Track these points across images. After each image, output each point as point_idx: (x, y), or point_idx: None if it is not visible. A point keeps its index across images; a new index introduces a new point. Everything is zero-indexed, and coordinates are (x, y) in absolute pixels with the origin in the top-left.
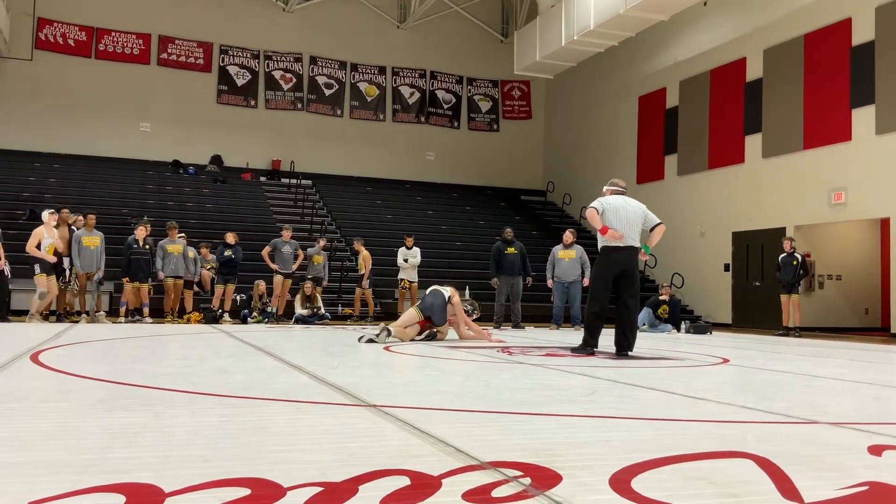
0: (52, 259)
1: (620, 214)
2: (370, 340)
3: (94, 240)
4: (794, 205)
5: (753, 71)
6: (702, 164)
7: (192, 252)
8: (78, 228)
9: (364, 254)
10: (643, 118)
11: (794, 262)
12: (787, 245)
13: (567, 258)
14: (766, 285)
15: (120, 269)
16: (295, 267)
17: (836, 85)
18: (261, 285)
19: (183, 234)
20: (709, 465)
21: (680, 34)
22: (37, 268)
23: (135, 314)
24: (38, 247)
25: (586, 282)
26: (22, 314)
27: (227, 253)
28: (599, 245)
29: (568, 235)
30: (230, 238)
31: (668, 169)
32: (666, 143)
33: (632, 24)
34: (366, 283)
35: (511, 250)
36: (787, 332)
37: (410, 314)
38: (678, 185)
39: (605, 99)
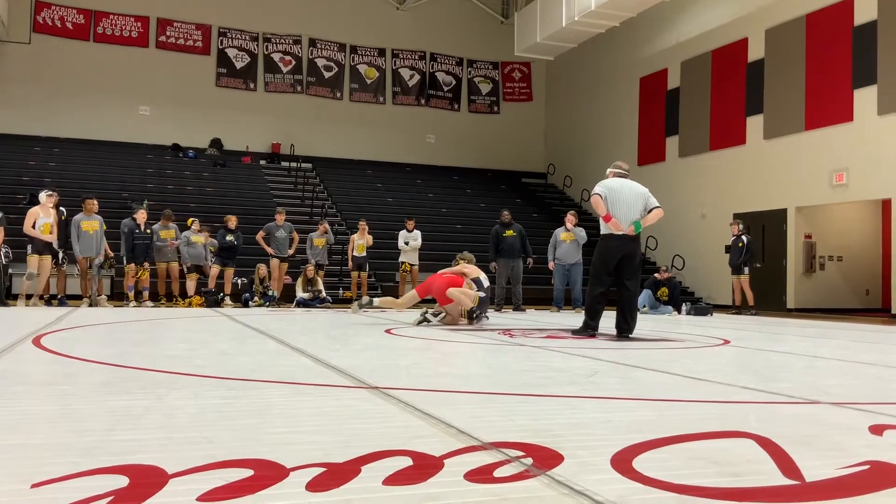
0: (49, 238)
1: (622, 197)
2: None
3: (93, 224)
4: (796, 186)
5: (755, 51)
6: (703, 145)
7: (201, 238)
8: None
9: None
10: (644, 99)
11: (741, 245)
12: (734, 229)
13: (569, 240)
14: (767, 267)
15: (124, 254)
16: (292, 251)
17: (838, 65)
18: (262, 269)
19: (195, 220)
20: (710, 445)
21: (681, 14)
22: (28, 248)
23: (137, 297)
24: (34, 227)
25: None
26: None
27: (230, 238)
28: (601, 230)
29: (570, 218)
30: (232, 223)
31: (670, 150)
32: (667, 124)
33: (633, 4)
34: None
35: (510, 233)
36: (740, 311)
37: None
38: (679, 166)
39: (606, 80)
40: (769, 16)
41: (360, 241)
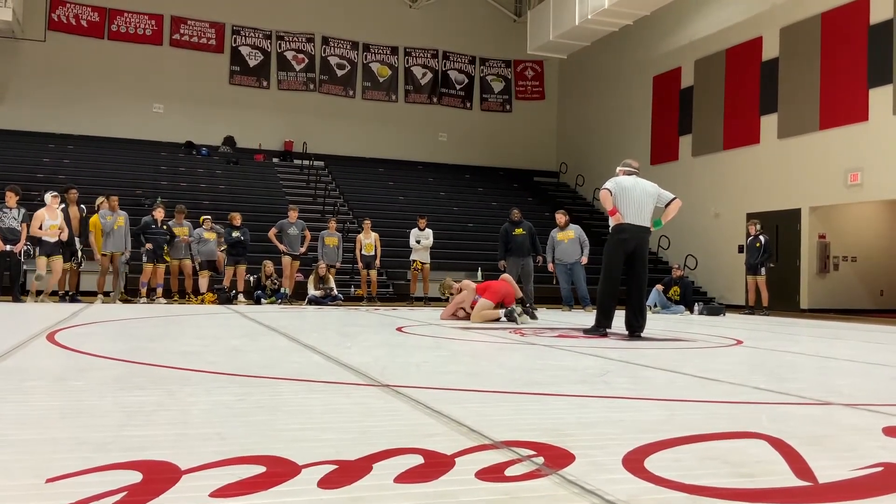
0: (62, 235)
1: (632, 195)
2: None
3: (118, 220)
4: (810, 186)
5: (770, 50)
6: (717, 144)
7: (213, 234)
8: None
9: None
10: (657, 98)
11: (758, 245)
12: (751, 229)
13: (566, 239)
14: (781, 267)
15: (143, 250)
16: (304, 249)
17: (853, 64)
18: (268, 266)
19: (209, 217)
20: (722, 445)
21: (695, 13)
22: (37, 250)
23: (150, 294)
24: (41, 228)
25: (584, 259)
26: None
27: (236, 234)
28: (611, 225)
29: (560, 217)
30: (236, 219)
31: (683, 149)
32: (680, 123)
33: (647, 3)
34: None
35: (519, 231)
36: (753, 311)
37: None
38: (693, 165)
39: (619, 79)
40: (784, 14)
41: (367, 241)
